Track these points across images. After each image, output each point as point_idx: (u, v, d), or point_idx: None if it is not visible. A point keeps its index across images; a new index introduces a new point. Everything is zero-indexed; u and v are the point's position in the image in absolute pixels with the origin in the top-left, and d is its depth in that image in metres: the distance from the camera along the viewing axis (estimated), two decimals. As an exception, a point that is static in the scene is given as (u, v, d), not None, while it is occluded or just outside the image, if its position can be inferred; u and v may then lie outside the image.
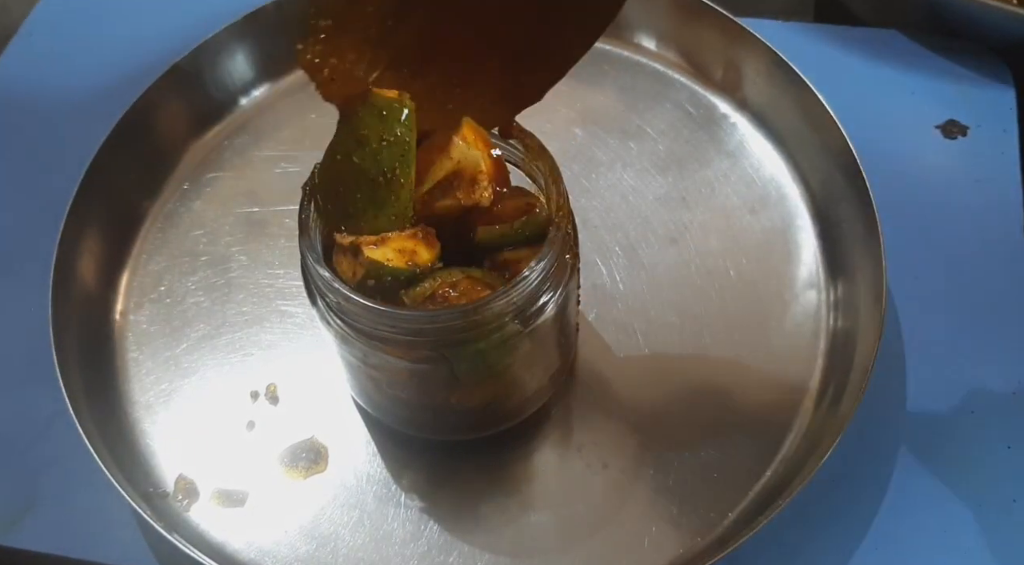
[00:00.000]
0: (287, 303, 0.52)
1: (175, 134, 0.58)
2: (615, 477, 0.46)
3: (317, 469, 0.47)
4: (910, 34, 0.62)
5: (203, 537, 0.45)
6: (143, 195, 0.56)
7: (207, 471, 0.47)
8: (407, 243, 0.38)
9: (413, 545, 0.45)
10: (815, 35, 0.63)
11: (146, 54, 0.58)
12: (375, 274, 0.38)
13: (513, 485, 0.47)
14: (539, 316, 0.40)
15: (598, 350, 0.50)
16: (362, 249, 0.38)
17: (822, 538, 0.45)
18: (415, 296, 0.38)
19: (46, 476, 0.48)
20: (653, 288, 0.52)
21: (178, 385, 0.50)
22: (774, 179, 0.56)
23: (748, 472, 0.46)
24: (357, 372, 0.44)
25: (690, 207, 0.55)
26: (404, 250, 0.38)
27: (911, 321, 0.50)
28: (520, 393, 0.45)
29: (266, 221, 0.55)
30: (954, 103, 0.59)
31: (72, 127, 0.60)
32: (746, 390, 0.49)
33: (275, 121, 0.59)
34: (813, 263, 0.53)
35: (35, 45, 0.65)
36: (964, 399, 0.48)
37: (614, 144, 0.57)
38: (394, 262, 0.38)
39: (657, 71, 0.60)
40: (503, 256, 0.40)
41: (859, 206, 0.51)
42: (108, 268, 0.53)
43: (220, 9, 0.59)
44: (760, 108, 0.58)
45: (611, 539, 0.45)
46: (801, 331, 0.50)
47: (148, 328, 0.52)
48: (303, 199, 0.40)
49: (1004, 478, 0.46)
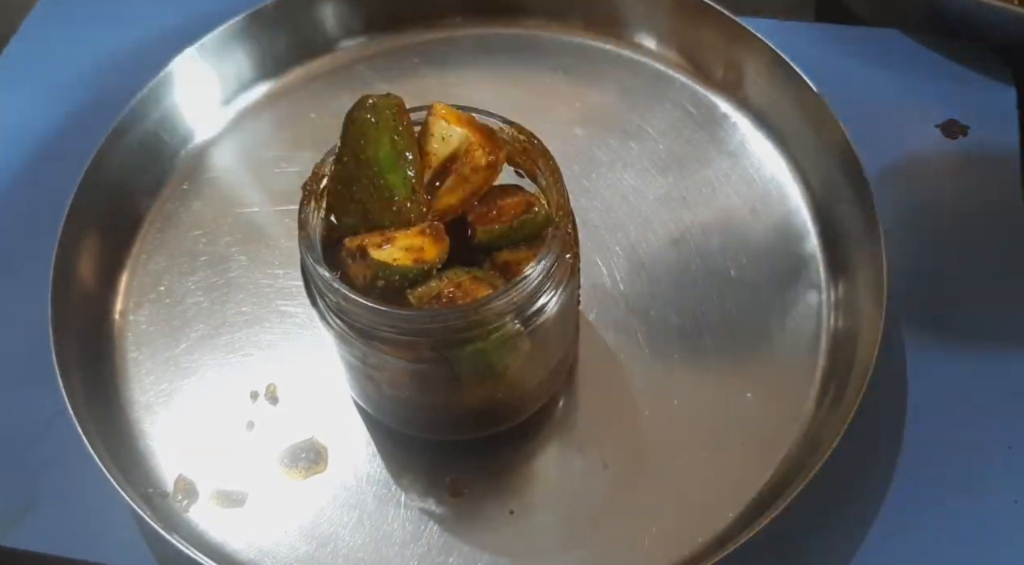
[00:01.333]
0: (287, 303, 0.52)
1: (175, 134, 0.58)
2: (615, 477, 0.46)
3: (317, 469, 0.47)
4: (910, 34, 0.62)
5: (202, 537, 0.45)
6: (143, 195, 0.56)
7: (207, 471, 0.47)
8: (415, 240, 0.38)
9: (413, 545, 0.45)
10: (815, 35, 0.63)
11: (146, 54, 0.58)
12: (383, 275, 0.37)
13: (513, 485, 0.46)
14: (539, 316, 0.40)
15: (598, 350, 0.50)
16: (368, 251, 0.38)
17: (822, 538, 0.45)
18: (421, 295, 0.38)
19: (46, 476, 0.48)
20: (653, 288, 0.52)
21: (178, 385, 0.50)
22: (774, 179, 0.56)
23: (749, 472, 0.46)
24: (357, 372, 0.44)
25: (691, 207, 0.55)
26: (411, 248, 0.38)
27: (911, 321, 0.50)
28: (520, 393, 0.45)
29: (266, 221, 0.55)
30: (954, 103, 0.59)
31: (72, 127, 0.60)
32: (746, 390, 0.48)
33: (275, 121, 0.59)
34: (813, 263, 0.53)
35: (35, 45, 0.65)
36: (964, 399, 0.48)
37: (614, 144, 0.57)
38: (400, 261, 0.38)
39: (657, 71, 0.60)
40: (502, 257, 0.40)
41: (859, 206, 0.51)
42: (108, 268, 0.53)
43: (220, 9, 0.59)
44: (761, 108, 0.58)
45: (611, 539, 0.45)
46: (801, 331, 0.50)
47: (148, 328, 0.52)
48: (303, 199, 0.40)
49: (1004, 478, 0.46)
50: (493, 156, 0.40)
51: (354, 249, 0.38)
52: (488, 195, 0.41)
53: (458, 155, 0.41)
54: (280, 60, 0.60)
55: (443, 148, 0.41)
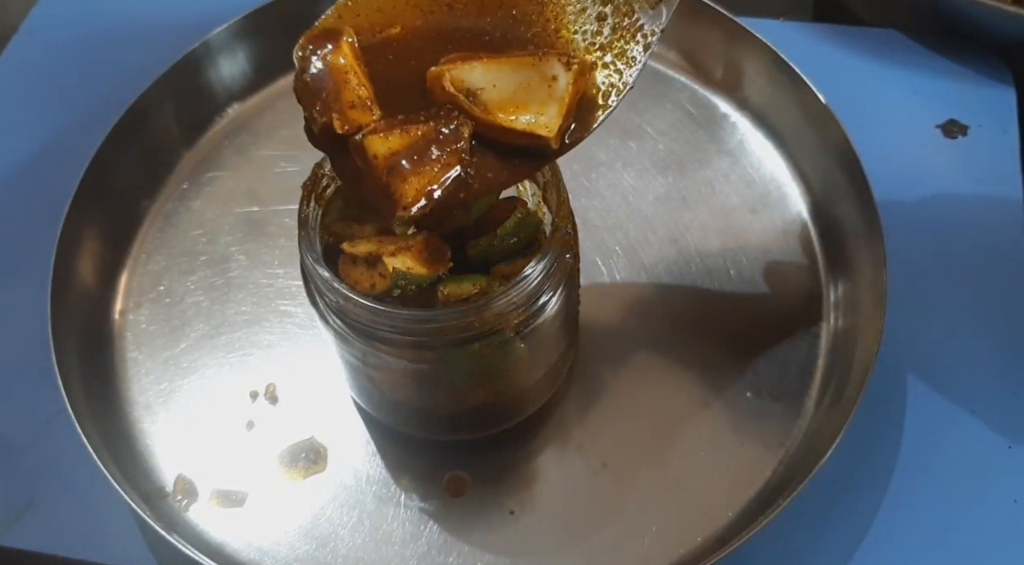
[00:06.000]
0: (287, 303, 0.52)
1: (174, 134, 0.58)
2: (615, 477, 0.46)
3: (316, 469, 0.47)
4: (910, 34, 0.62)
5: (202, 537, 0.45)
6: (142, 195, 0.56)
7: (206, 471, 0.47)
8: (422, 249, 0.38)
9: (413, 545, 0.45)
10: (815, 35, 0.63)
11: (146, 54, 0.58)
12: (401, 283, 0.37)
13: (513, 485, 0.46)
14: (539, 316, 0.40)
15: (598, 350, 0.50)
16: (383, 259, 0.37)
17: (822, 538, 0.45)
18: (449, 295, 0.38)
19: (45, 476, 0.48)
20: (653, 288, 0.52)
21: (177, 385, 0.50)
22: (774, 179, 0.56)
23: (748, 472, 0.46)
24: (357, 372, 0.44)
25: (690, 207, 0.55)
26: (420, 256, 0.38)
27: (911, 321, 0.50)
28: (520, 393, 0.45)
29: (265, 221, 0.55)
30: (954, 103, 0.59)
31: (72, 127, 0.60)
32: (746, 390, 0.48)
33: (275, 121, 0.59)
34: (813, 263, 0.53)
35: (35, 45, 0.65)
36: (964, 399, 0.48)
37: (614, 144, 0.57)
38: (415, 270, 0.38)
39: (657, 71, 0.60)
40: (500, 270, 0.40)
41: (860, 206, 0.51)
42: (107, 268, 0.53)
43: (220, 9, 0.59)
44: (760, 108, 0.58)
45: (611, 539, 0.45)
46: (801, 331, 0.50)
47: (147, 328, 0.52)
48: (303, 198, 0.40)
49: (1004, 478, 0.46)
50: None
51: (362, 256, 0.38)
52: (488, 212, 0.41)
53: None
54: (280, 60, 0.60)
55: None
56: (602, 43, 0.37)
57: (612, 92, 0.37)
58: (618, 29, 0.37)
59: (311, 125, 0.37)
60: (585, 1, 0.38)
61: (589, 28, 0.38)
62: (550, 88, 0.36)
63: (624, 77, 0.37)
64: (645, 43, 0.37)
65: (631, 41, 0.37)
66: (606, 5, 0.37)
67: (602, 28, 0.37)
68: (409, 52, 0.38)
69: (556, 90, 0.36)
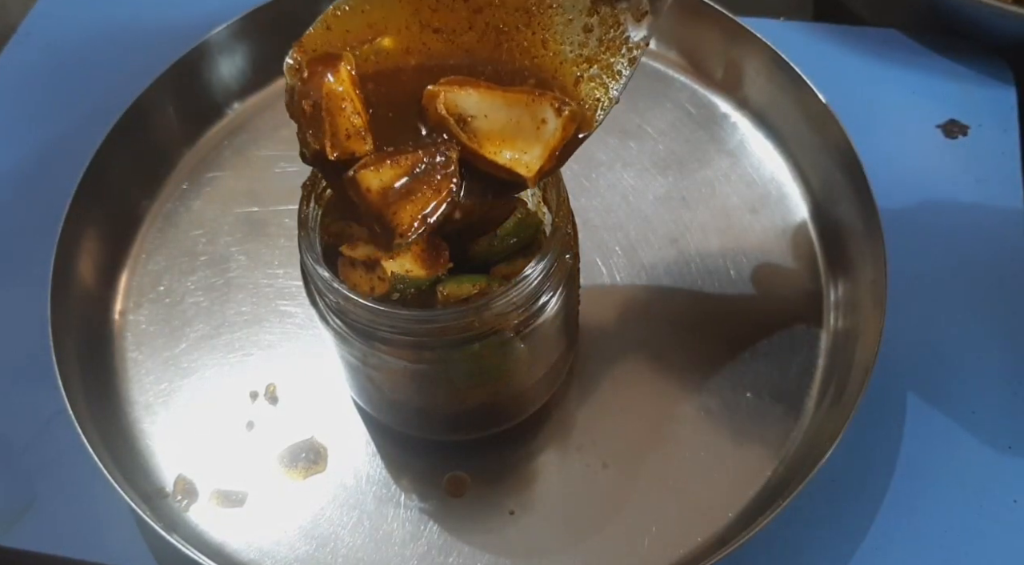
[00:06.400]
0: (287, 303, 0.52)
1: (174, 134, 0.58)
2: (615, 477, 0.46)
3: (316, 469, 0.47)
4: (910, 34, 0.62)
5: (202, 537, 0.45)
6: (142, 195, 0.56)
7: (206, 471, 0.47)
8: (421, 250, 0.38)
9: (413, 545, 0.45)
10: (815, 34, 0.63)
11: (145, 54, 0.58)
12: (400, 287, 0.37)
13: (513, 485, 0.46)
14: (539, 316, 0.40)
15: (598, 350, 0.50)
16: (381, 263, 0.37)
17: (822, 538, 0.45)
18: (449, 295, 0.38)
19: (45, 476, 0.48)
20: (653, 288, 0.52)
21: (177, 385, 0.50)
22: (774, 179, 0.56)
23: (748, 472, 0.46)
24: (357, 372, 0.44)
25: (690, 207, 0.55)
26: (418, 258, 0.38)
27: (911, 321, 0.50)
28: (520, 393, 0.45)
29: (265, 221, 0.55)
30: (955, 103, 0.59)
31: (72, 127, 0.60)
32: (746, 390, 0.48)
33: (274, 121, 0.59)
34: (813, 263, 0.53)
35: (35, 45, 0.65)
36: (964, 399, 0.48)
37: (614, 144, 0.57)
38: (414, 272, 0.38)
39: (657, 71, 0.60)
40: (500, 270, 0.40)
41: (860, 206, 0.51)
42: (107, 268, 0.53)
43: (220, 9, 0.59)
44: (760, 107, 0.58)
45: (611, 539, 0.45)
46: (801, 331, 0.50)
47: (147, 328, 0.52)
48: (303, 198, 0.39)
49: (1004, 478, 0.46)
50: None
51: (361, 259, 0.38)
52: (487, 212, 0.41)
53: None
54: (280, 60, 0.60)
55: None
56: (588, 55, 0.38)
57: (598, 107, 0.38)
58: (604, 41, 0.38)
59: (303, 148, 0.37)
60: (572, 12, 0.38)
61: (576, 39, 0.38)
62: (539, 130, 0.36)
63: (610, 91, 0.38)
64: (630, 57, 0.38)
65: (616, 54, 0.38)
66: (592, 16, 0.38)
67: (588, 39, 0.38)
68: (403, 68, 0.38)
69: (544, 133, 0.37)
